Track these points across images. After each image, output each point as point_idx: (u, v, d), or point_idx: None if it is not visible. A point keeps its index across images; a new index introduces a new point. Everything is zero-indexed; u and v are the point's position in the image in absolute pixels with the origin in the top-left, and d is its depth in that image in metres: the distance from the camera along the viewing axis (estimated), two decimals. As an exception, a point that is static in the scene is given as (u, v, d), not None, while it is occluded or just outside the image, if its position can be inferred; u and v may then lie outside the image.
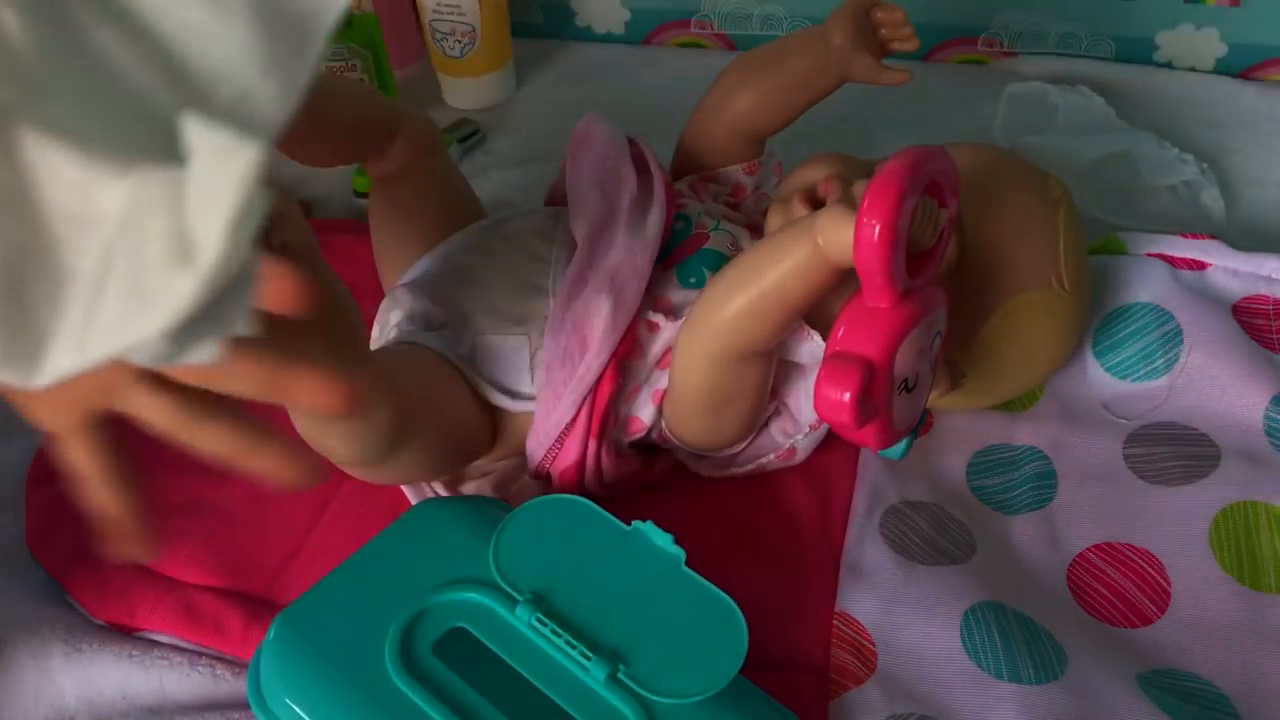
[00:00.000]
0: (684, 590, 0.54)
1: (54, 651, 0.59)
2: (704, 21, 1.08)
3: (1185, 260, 0.75)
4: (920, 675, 0.57)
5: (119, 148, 0.32)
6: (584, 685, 0.50)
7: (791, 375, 0.63)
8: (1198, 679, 0.57)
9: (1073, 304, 0.66)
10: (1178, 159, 0.86)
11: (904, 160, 0.49)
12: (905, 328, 0.52)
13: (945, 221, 0.54)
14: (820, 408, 0.53)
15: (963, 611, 0.58)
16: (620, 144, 0.67)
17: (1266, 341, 0.71)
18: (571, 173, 0.68)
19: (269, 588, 0.63)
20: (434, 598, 0.53)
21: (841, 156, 0.66)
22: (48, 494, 0.67)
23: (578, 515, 0.57)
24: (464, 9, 0.96)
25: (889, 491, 0.66)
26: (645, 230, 0.63)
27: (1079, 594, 0.61)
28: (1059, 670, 0.56)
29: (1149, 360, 0.70)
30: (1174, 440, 0.67)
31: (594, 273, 0.62)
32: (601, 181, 0.65)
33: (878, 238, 0.49)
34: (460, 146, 0.96)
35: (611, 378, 0.61)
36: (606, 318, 0.60)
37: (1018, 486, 0.67)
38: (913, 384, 0.55)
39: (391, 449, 0.57)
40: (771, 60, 0.70)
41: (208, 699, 0.59)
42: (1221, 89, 0.97)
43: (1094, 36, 1.00)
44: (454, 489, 0.66)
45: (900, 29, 0.68)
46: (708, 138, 0.72)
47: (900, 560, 0.62)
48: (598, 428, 0.61)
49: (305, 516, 0.66)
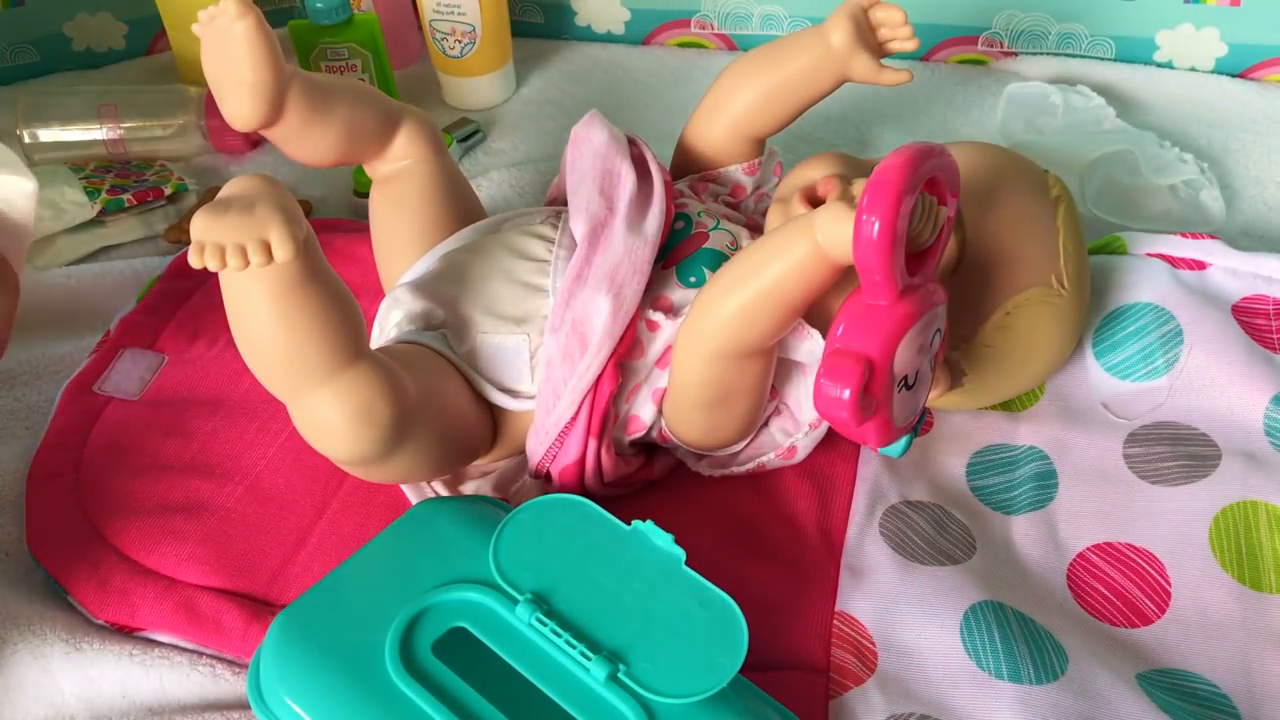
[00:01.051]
0: (684, 590, 0.54)
1: (54, 651, 0.59)
2: (704, 21, 1.08)
3: (1185, 260, 0.75)
4: (920, 675, 0.57)
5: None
6: (584, 685, 0.50)
7: (791, 374, 0.63)
8: (1198, 679, 0.57)
9: (1072, 303, 0.66)
10: (1178, 159, 0.86)
11: (903, 157, 0.49)
12: (905, 325, 0.52)
13: (944, 219, 0.54)
14: (820, 405, 0.53)
15: (963, 611, 0.58)
16: (619, 143, 0.67)
17: (1266, 341, 0.71)
18: (571, 172, 0.68)
19: (269, 588, 0.63)
20: (434, 598, 0.53)
21: (841, 156, 0.66)
22: (48, 494, 0.67)
23: (578, 515, 0.57)
24: (464, 9, 0.96)
25: (889, 491, 0.66)
26: (644, 229, 0.63)
27: (1079, 594, 0.61)
28: (1059, 670, 0.56)
29: (1149, 360, 0.70)
30: (1174, 440, 0.67)
31: (593, 272, 0.62)
32: (600, 181, 0.65)
33: (877, 235, 0.49)
34: (460, 146, 0.97)
35: (611, 377, 0.61)
36: (606, 316, 0.60)
37: (1018, 486, 0.67)
38: (912, 381, 0.55)
39: (392, 447, 0.57)
40: (771, 60, 0.70)
41: (208, 699, 0.59)
42: (1221, 89, 0.97)
43: (1094, 36, 1.00)
44: (454, 489, 0.66)
45: (899, 29, 0.68)
46: (707, 137, 0.72)
47: (900, 560, 0.62)
48: (598, 427, 0.61)
49: (305, 516, 0.66)
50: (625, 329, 0.61)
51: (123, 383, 0.74)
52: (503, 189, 0.90)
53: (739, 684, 0.52)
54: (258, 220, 0.50)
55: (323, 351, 0.54)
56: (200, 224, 0.50)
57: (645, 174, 0.66)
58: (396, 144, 0.70)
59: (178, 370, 0.75)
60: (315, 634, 0.52)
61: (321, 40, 0.95)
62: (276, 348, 0.54)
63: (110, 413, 0.72)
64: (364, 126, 0.68)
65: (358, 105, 0.67)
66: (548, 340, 0.62)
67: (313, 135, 0.66)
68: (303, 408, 0.56)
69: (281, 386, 0.56)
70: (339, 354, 0.54)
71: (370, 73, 0.96)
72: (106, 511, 0.66)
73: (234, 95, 0.62)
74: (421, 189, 0.71)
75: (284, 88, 0.62)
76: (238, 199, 0.51)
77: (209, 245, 0.50)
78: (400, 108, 0.70)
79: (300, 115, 0.64)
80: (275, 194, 0.52)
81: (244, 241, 0.50)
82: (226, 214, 0.50)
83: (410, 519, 0.59)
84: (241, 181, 0.53)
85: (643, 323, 0.62)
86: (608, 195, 0.64)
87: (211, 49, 0.62)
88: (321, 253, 0.55)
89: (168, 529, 0.65)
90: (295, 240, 0.50)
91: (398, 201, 0.71)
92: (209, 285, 0.79)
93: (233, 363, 0.73)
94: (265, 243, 0.50)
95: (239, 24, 0.60)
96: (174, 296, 0.80)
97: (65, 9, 1.06)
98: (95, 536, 0.65)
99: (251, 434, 0.70)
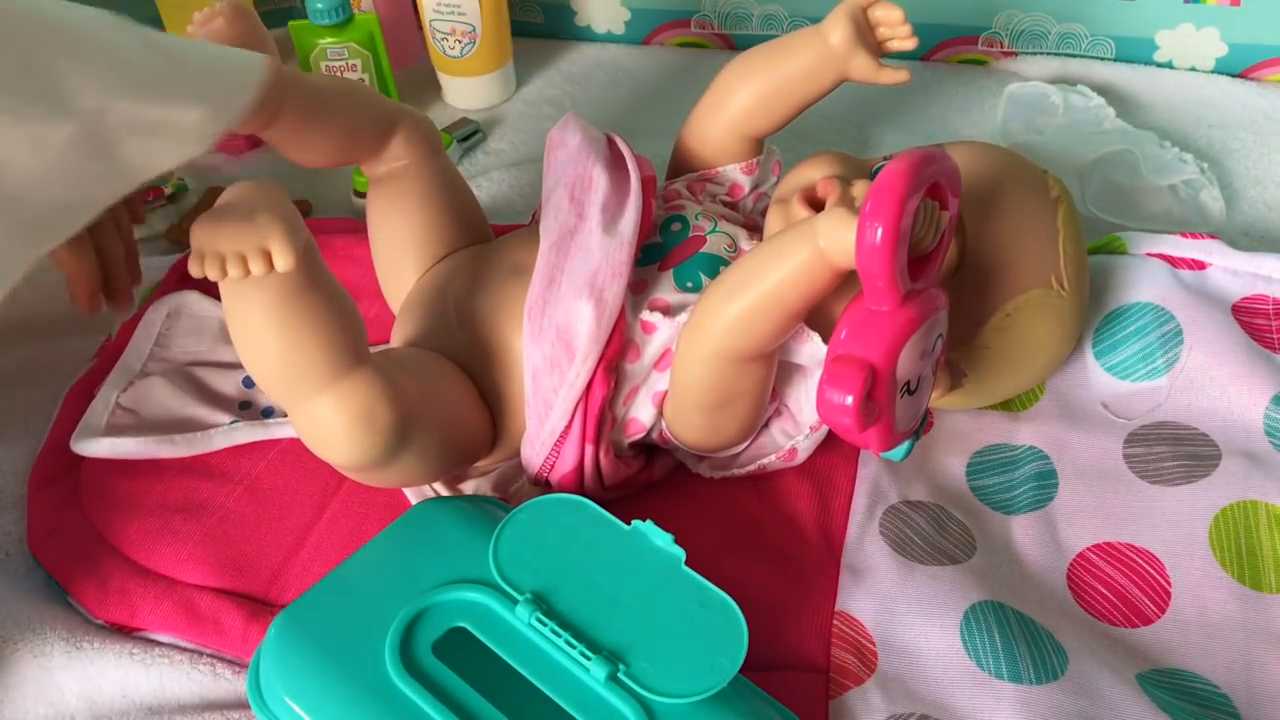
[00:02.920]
0: (684, 590, 0.54)
1: (54, 650, 0.59)
2: (704, 21, 1.08)
3: (1185, 260, 0.75)
4: (920, 675, 0.57)
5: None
6: (584, 685, 0.50)
7: (792, 376, 0.63)
8: (1198, 678, 0.57)
9: (1072, 304, 0.66)
10: (1178, 159, 0.86)
11: (906, 163, 0.49)
12: (908, 331, 0.52)
13: (946, 223, 0.54)
14: (823, 411, 0.53)
15: (963, 611, 0.58)
16: (594, 145, 0.66)
17: (1266, 341, 0.71)
18: (546, 176, 0.67)
19: (269, 588, 0.63)
20: (434, 598, 0.53)
21: (840, 156, 0.66)
22: (49, 495, 0.67)
23: (578, 515, 0.57)
24: (464, 9, 0.96)
25: (889, 491, 0.66)
26: (620, 231, 0.62)
27: (1079, 594, 0.61)
28: (1059, 670, 0.56)
29: (1149, 360, 0.70)
30: (1174, 440, 0.67)
31: (569, 278, 0.61)
32: (571, 187, 0.64)
33: (880, 241, 0.49)
34: (460, 146, 0.97)
35: (602, 382, 0.60)
36: (590, 322, 0.59)
37: (1018, 486, 0.67)
38: (914, 386, 0.55)
39: (394, 452, 0.57)
40: (770, 59, 0.70)
41: (208, 698, 0.59)
42: (1221, 89, 0.97)
43: (1094, 36, 1.00)
44: (454, 489, 0.66)
45: (898, 28, 0.68)
46: (706, 137, 0.72)
47: (900, 560, 0.62)
48: (593, 433, 0.61)
49: (305, 516, 0.66)
50: (610, 333, 0.60)
51: (123, 384, 0.74)
52: (502, 189, 0.91)
53: (739, 684, 0.52)
54: (258, 229, 0.50)
55: (323, 358, 0.54)
56: (200, 232, 0.50)
57: (623, 174, 0.66)
58: (393, 145, 0.69)
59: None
60: (315, 634, 0.52)
61: (321, 40, 0.95)
62: (277, 355, 0.53)
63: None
64: (361, 128, 0.67)
65: (354, 106, 0.67)
66: (529, 351, 0.61)
67: (309, 137, 0.65)
68: (304, 414, 0.56)
69: (282, 393, 0.56)
70: (339, 360, 0.54)
71: (370, 73, 0.96)
72: (107, 512, 0.66)
73: None
74: (419, 190, 0.71)
75: (280, 90, 0.62)
76: (237, 207, 0.51)
77: (209, 254, 0.50)
78: (397, 108, 0.70)
79: (297, 117, 0.64)
80: (275, 201, 0.52)
81: (244, 250, 0.50)
82: (226, 222, 0.50)
83: (410, 519, 0.59)
84: (241, 188, 0.53)
85: (637, 325, 0.62)
86: (579, 201, 0.64)
87: None
88: (321, 259, 0.55)
89: (168, 529, 0.65)
90: (296, 249, 0.50)
91: (395, 202, 0.71)
92: (210, 290, 0.79)
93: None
94: (266, 252, 0.50)
95: (235, 26, 0.59)
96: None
97: (65, 9, 1.06)
98: (95, 537, 0.65)
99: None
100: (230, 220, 0.50)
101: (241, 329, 0.54)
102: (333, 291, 0.55)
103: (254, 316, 0.53)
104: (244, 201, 0.52)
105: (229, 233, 0.50)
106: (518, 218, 0.88)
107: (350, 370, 0.55)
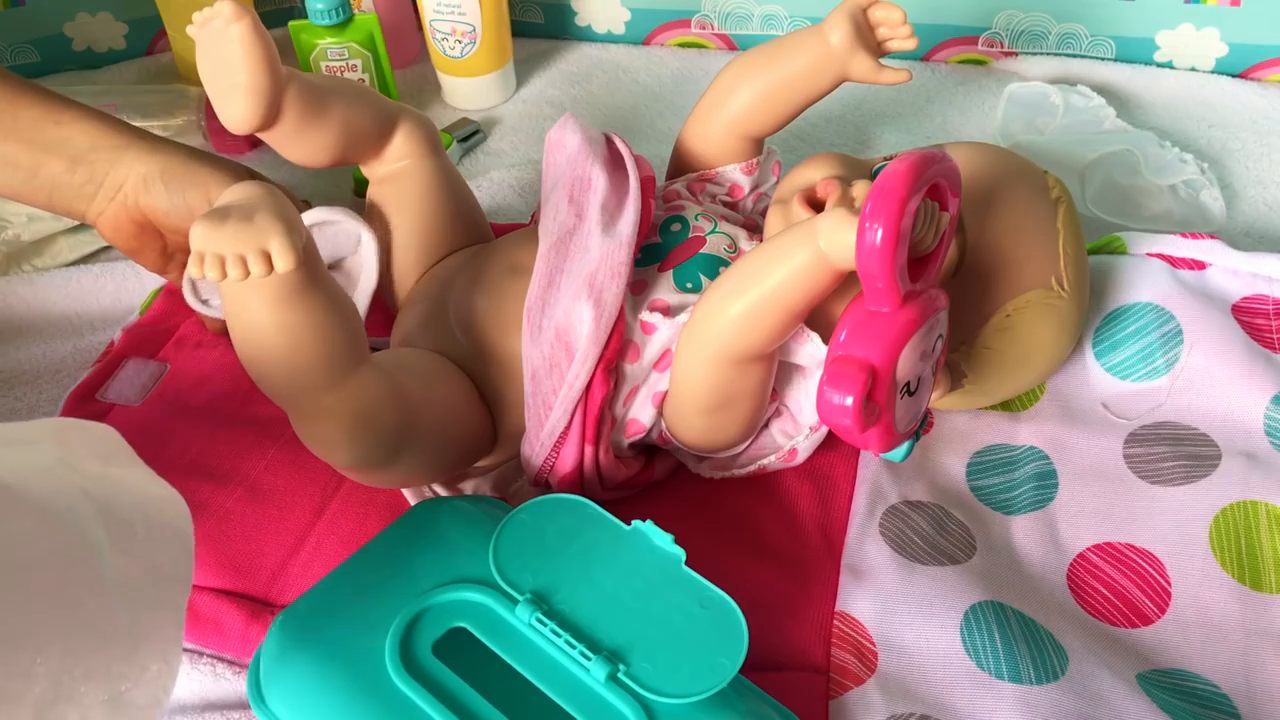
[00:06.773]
0: (684, 590, 0.54)
1: (54, 652, 0.59)
2: (704, 21, 1.08)
3: (1185, 260, 0.75)
4: (920, 675, 0.57)
5: None
6: (584, 685, 0.50)
7: (792, 377, 0.63)
8: (1198, 679, 0.57)
9: (1072, 304, 0.66)
10: (1178, 159, 0.86)
11: (906, 164, 0.49)
12: (907, 332, 0.52)
13: (946, 224, 0.54)
14: (823, 412, 0.53)
15: (963, 611, 0.58)
16: (593, 146, 0.66)
17: (1266, 341, 0.71)
18: (545, 178, 0.67)
19: (269, 588, 0.63)
20: (434, 598, 0.53)
21: (840, 156, 0.66)
22: (48, 494, 0.67)
23: (578, 515, 0.57)
24: (464, 9, 0.96)
25: (889, 491, 0.66)
26: (618, 231, 0.62)
27: (1079, 594, 0.61)
28: (1059, 670, 0.56)
29: (1149, 360, 0.70)
30: (1174, 440, 0.67)
31: (568, 279, 0.61)
32: (570, 188, 0.64)
33: (880, 242, 0.49)
34: (460, 146, 0.97)
35: (601, 383, 0.60)
36: (590, 323, 0.59)
37: (1018, 486, 0.67)
38: (914, 387, 0.55)
39: (394, 453, 0.57)
40: (770, 59, 0.70)
41: (208, 698, 0.59)
42: (1221, 89, 0.97)
43: (1094, 36, 1.00)
44: (454, 489, 0.66)
45: (898, 28, 0.68)
46: (706, 137, 0.72)
47: (900, 560, 0.62)
48: (592, 433, 0.61)
49: (305, 516, 0.66)
50: (610, 333, 0.60)
51: (125, 391, 0.74)
52: (502, 189, 0.90)
53: (739, 684, 0.52)
54: (258, 230, 0.50)
55: (323, 360, 0.54)
56: (200, 234, 0.50)
57: (622, 175, 0.66)
58: (393, 145, 0.70)
59: (179, 373, 0.75)
60: (315, 634, 0.52)
61: (321, 40, 0.95)
62: (277, 356, 0.53)
63: (112, 418, 0.72)
64: (361, 128, 0.68)
65: (354, 106, 0.67)
66: (529, 352, 0.61)
67: (309, 137, 0.66)
68: (304, 416, 0.56)
69: (282, 395, 0.56)
70: (339, 362, 0.54)
71: (370, 73, 0.97)
72: (106, 512, 0.66)
73: (230, 98, 0.62)
74: (418, 189, 0.71)
75: (280, 90, 0.62)
76: (237, 208, 0.51)
77: (209, 255, 0.50)
78: (397, 108, 0.70)
79: (297, 118, 0.64)
80: (275, 202, 0.52)
81: (244, 252, 0.50)
82: (226, 223, 0.50)
83: (410, 519, 0.59)
84: (241, 189, 0.53)
85: (637, 326, 0.62)
86: (578, 202, 0.64)
87: (207, 52, 0.61)
88: (321, 260, 0.55)
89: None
90: (296, 250, 0.50)
91: (395, 202, 0.71)
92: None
93: (234, 365, 0.73)
94: (266, 253, 0.50)
95: (234, 26, 0.59)
96: (177, 309, 0.80)
97: (65, 9, 1.06)
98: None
99: (251, 435, 0.70)
100: (229, 221, 0.50)
101: (241, 330, 0.54)
102: (332, 292, 0.55)
103: (253, 317, 0.53)
104: (243, 202, 0.52)
105: (228, 233, 0.50)
106: (518, 218, 0.88)
107: (350, 371, 0.55)
